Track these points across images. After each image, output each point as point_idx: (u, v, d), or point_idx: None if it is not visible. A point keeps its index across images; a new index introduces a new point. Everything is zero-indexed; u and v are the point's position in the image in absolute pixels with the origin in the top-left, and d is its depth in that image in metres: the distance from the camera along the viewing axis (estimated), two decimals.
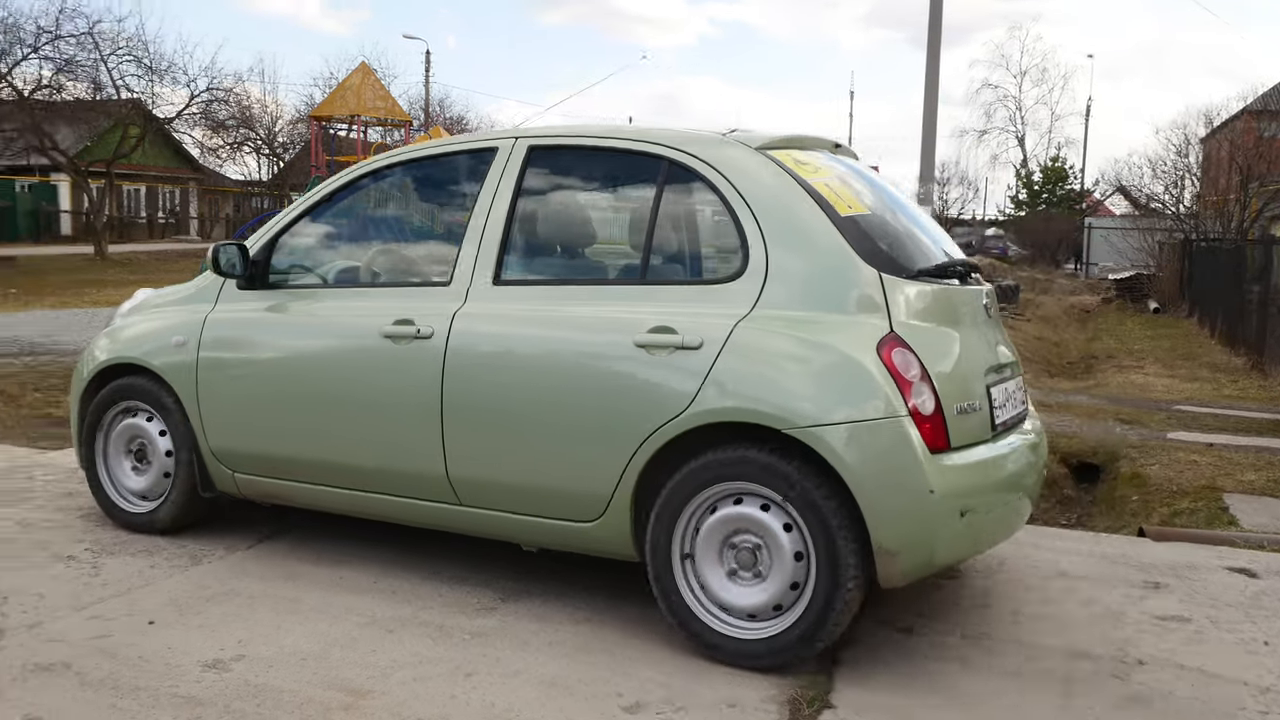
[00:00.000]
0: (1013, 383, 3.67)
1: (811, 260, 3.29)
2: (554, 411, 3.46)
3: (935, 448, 3.08)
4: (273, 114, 38.91)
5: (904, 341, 3.15)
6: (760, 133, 3.66)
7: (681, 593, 3.29)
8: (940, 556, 3.15)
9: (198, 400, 4.18)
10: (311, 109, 31.10)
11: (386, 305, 3.84)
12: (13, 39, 24.68)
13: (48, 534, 4.37)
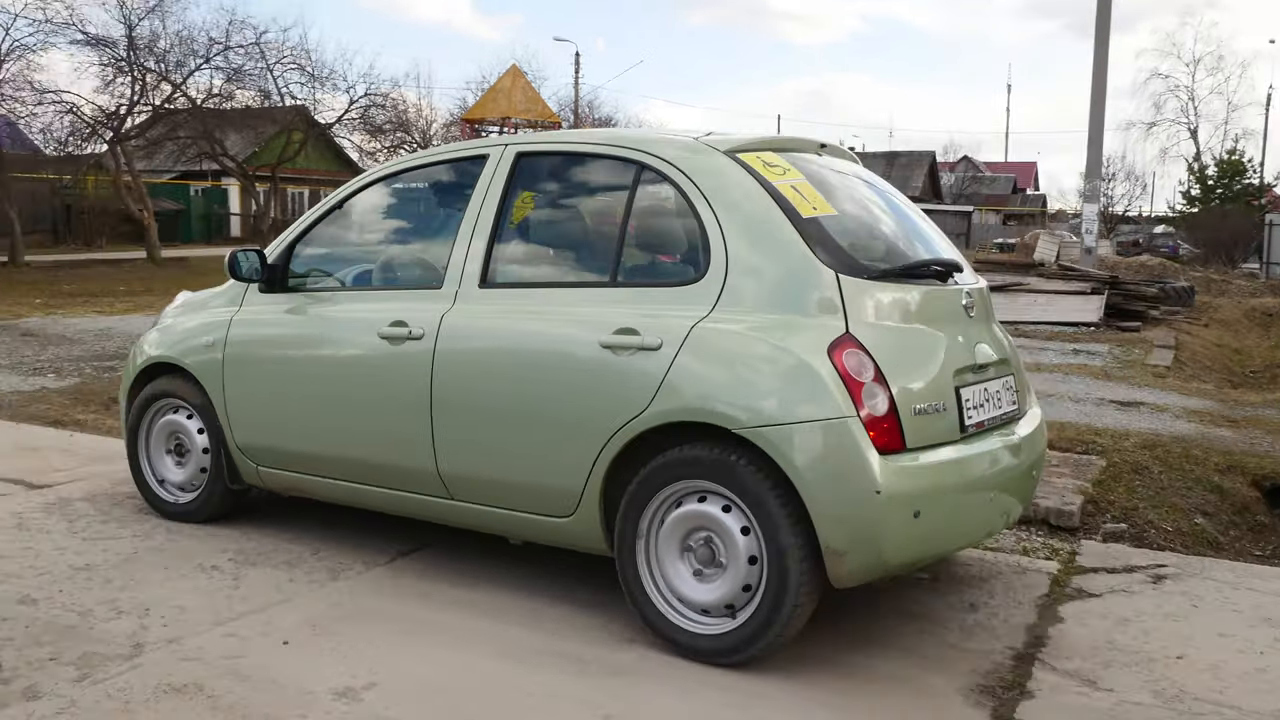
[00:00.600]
0: (998, 382, 3.65)
1: (770, 262, 3.33)
2: (529, 409, 3.59)
3: (888, 448, 3.09)
4: (427, 118, 39.88)
5: (859, 343, 3.17)
6: (735, 135, 3.72)
7: (644, 585, 3.38)
8: (891, 557, 3.14)
9: (224, 398, 4.44)
10: (464, 112, 31.76)
11: (386, 307, 4.01)
12: (187, 51, 25.88)
13: (192, 543, 4.39)
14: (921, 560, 3.43)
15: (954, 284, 3.65)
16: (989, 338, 3.72)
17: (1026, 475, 3.70)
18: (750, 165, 3.49)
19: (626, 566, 3.41)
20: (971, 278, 3.87)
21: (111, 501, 4.93)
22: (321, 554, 4.26)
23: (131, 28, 25.04)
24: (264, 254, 4.40)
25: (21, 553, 4.23)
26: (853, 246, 3.41)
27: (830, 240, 3.34)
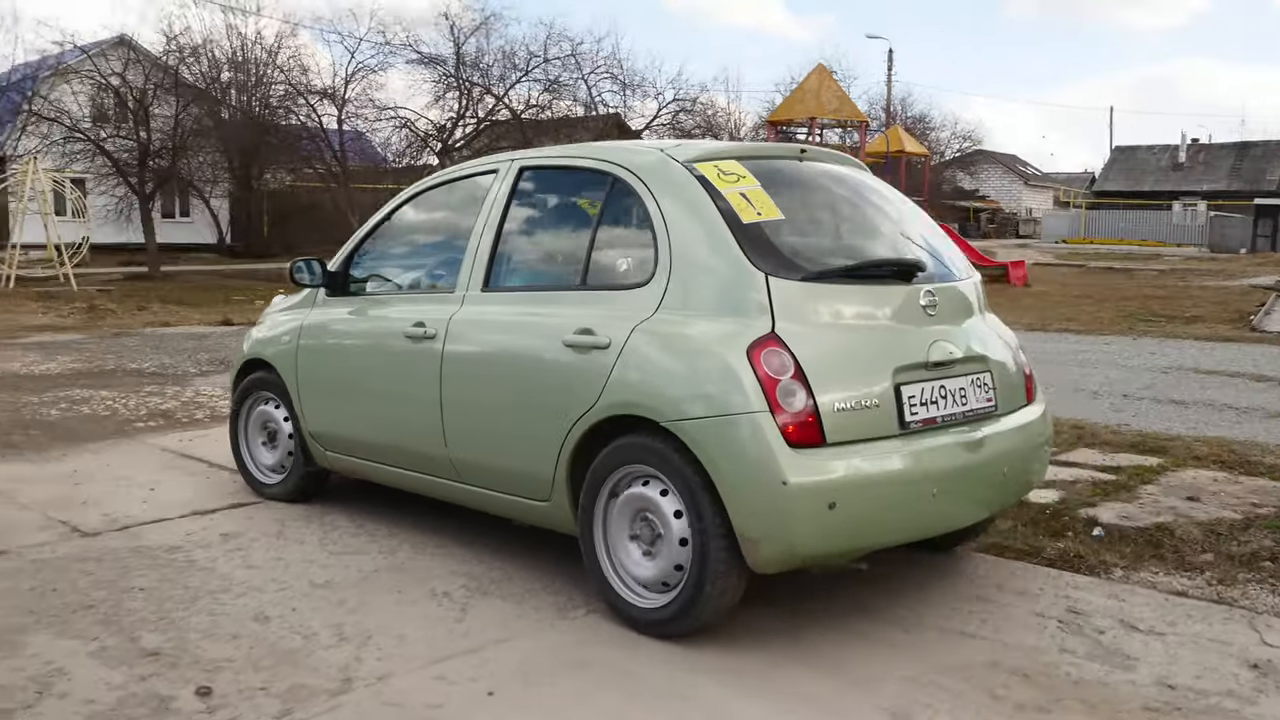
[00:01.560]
0: (963, 380, 3.70)
1: (707, 265, 3.51)
2: (512, 400, 3.94)
3: (803, 442, 3.22)
4: (736, 121, 40.00)
5: (782, 342, 3.30)
6: (702, 147, 3.91)
7: (599, 561, 3.67)
8: (803, 547, 3.28)
9: (298, 389, 5.00)
10: (770, 114, 31.51)
11: (414, 309, 4.45)
12: (508, 65, 27.21)
13: (432, 563, 4.26)
14: (846, 551, 3.59)
15: (915, 283, 3.71)
16: (959, 335, 3.75)
17: (995, 473, 3.73)
18: (703, 174, 3.67)
19: (586, 544, 3.72)
20: (962, 274, 4.02)
21: (367, 515, 4.92)
22: (556, 587, 4.00)
23: (459, 46, 26.67)
24: (324, 263, 4.97)
25: (272, 564, 4.26)
26: (793, 249, 3.58)
27: (767, 244, 3.50)
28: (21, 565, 4.23)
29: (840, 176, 4.19)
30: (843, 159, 4.44)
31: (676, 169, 3.71)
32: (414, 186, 4.89)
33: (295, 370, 5.01)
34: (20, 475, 5.71)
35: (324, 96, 26.39)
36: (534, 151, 4.51)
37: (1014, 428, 3.84)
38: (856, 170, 4.37)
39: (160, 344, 11.38)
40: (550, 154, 4.39)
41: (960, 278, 4.02)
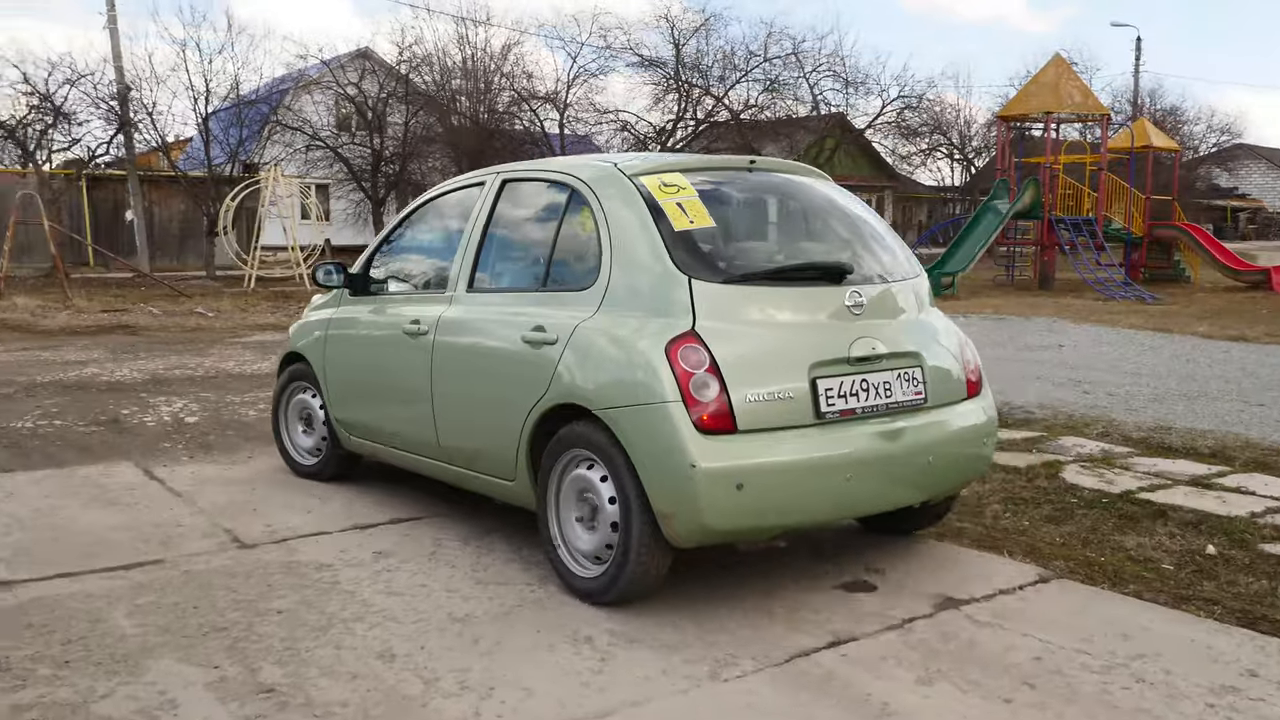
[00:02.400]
0: (889, 374, 3.90)
1: (638, 270, 3.83)
2: (481, 389, 4.35)
3: (716, 430, 3.52)
4: (966, 118, 38.21)
5: (700, 339, 3.60)
6: (650, 161, 4.22)
7: (551, 535, 4.01)
8: (713, 523, 3.53)
9: (325, 379, 5.49)
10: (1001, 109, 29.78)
11: (413, 309, 4.86)
12: (728, 66, 26.87)
13: (577, 603, 3.88)
14: (759, 529, 3.81)
15: (845, 285, 3.94)
16: (888, 332, 3.97)
17: (917, 462, 3.94)
18: (645, 186, 3.98)
19: (541, 519, 4.08)
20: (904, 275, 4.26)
21: (526, 538, 4.60)
22: (711, 638, 3.54)
23: (679, 47, 26.52)
24: (343, 266, 5.42)
25: (415, 590, 3.99)
26: (720, 254, 3.90)
27: (695, 250, 3.81)
28: (173, 577, 4.14)
29: (789, 185, 4.51)
30: (797, 168, 4.69)
31: (622, 181, 4.05)
32: (422, 197, 5.38)
33: (323, 362, 5.52)
34: (205, 477, 5.75)
35: (546, 101, 26.85)
36: (513, 165, 4.89)
37: (942, 420, 4.07)
38: (809, 178, 4.62)
39: None
40: (525, 168, 4.78)
41: (900, 278, 4.26)
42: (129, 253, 26.45)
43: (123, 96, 23.52)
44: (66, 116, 22.21)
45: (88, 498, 5.30)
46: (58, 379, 8.90)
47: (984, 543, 4.60)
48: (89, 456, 6.19)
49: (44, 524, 4.85)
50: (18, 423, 7.03)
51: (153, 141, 23.52)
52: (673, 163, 4.25)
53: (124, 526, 4.82)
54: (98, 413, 7.38)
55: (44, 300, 15.88)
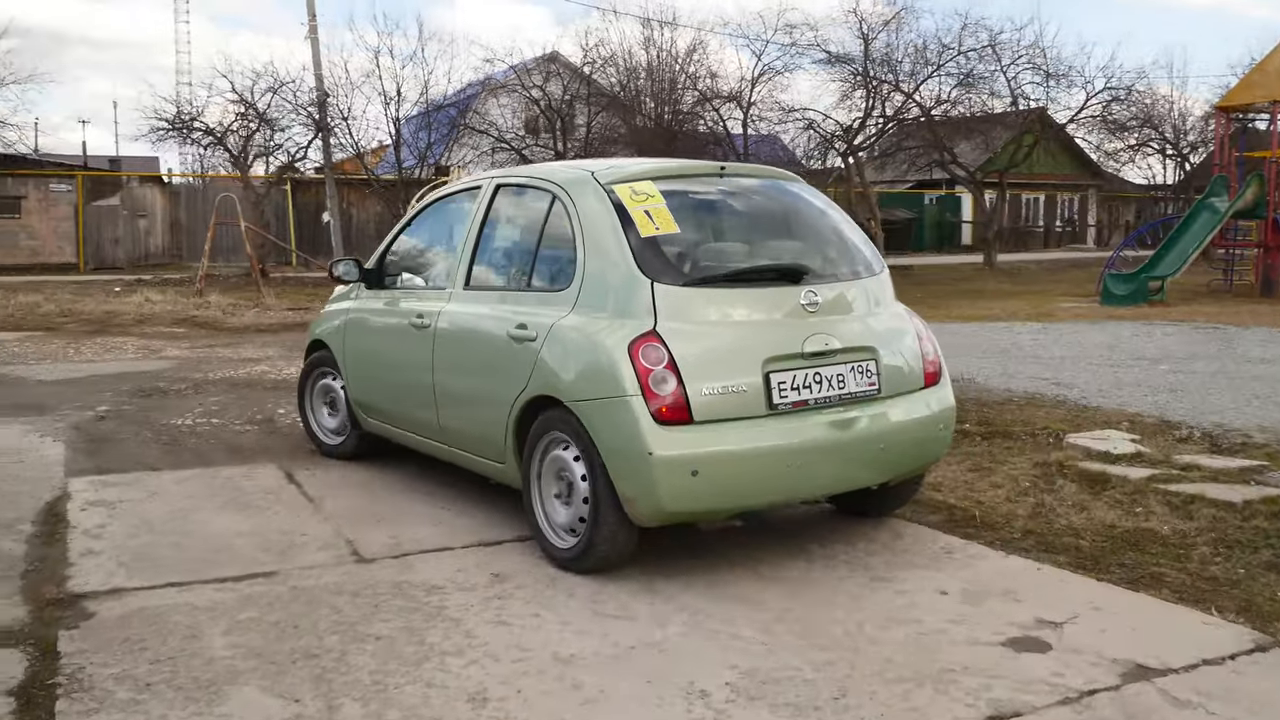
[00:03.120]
0: (842, 368, 4.17)
1: (607, 273, 4.16)
2: (474, 379, 4.75)
3: (673, 421, 3.82)
4: (1180, 110, 35.57)
5: (660, 338, 3.91)
6: (623, 169, 4.51)
7: (535, 510, 4.37)
8: (670, 505, 3.85)
9: (345, 365, 5.87)
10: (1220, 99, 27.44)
11: (418, 303, 5.20)
12: (919, 60, 25.75)
13: (704, 644, 3.46)
14: (714, 511, 4.13)
15: (802, 285, 4.22)
16: (842, 328, 4.24)
17: (869, 449, 4.21)
18: (616, 194, 4.24)
19: (525, 496, 4.40)
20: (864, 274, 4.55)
21: (660, 568, 4.20)
22: (850, 700, 3.05)
23: (868, 42, 25.58)
24: (360, 261, 5.77)
25: (525, 621, 3.66)
26: (682, 258, 4.22)
27: (659, 255, 4.12)
28: (282, 592, 3.95)
29: (759, 189, 4.79)
30: (769, 173, 4.99)
31: (596, 189, 4.33)
32: (429, 198, 5.77)
33: (343, 349, 5.92)
34: (344, 481, 5.62)
35: (730, 100, 26.43)
36: (506, 171, 5.39)
37: (896, 409, 4.31)
38: (779, 183, 4.88)
39: None
40: (515, 174, 5.22)
41: (860, 277, 4.53)
42: (328, 253, 27.61)
43: (321, 103, 24.47)
44: (269, 123, 23.26)
45: (224, 500, 5.23)
46: (228, 376, 9.09)
47: (1187, 595, 3.92)
48: (237, 457, 6.18)
49: (174, 528, 4.78)
50: (179, 420, 7.14)
51: (349, 146, 24.35)
52: (646, 170, 4.52)
53: (250, 533, 4.69)
54: (255, 411, 7.43)
55: (237, 298, 16.56)
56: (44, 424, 6.96)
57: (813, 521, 4.91)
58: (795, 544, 4.54)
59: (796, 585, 4.03)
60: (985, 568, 4.23)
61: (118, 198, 32.45)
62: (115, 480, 5.62)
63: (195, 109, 23.66)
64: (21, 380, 8.84)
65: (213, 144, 23.82)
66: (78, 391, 8.21)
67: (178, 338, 12.26)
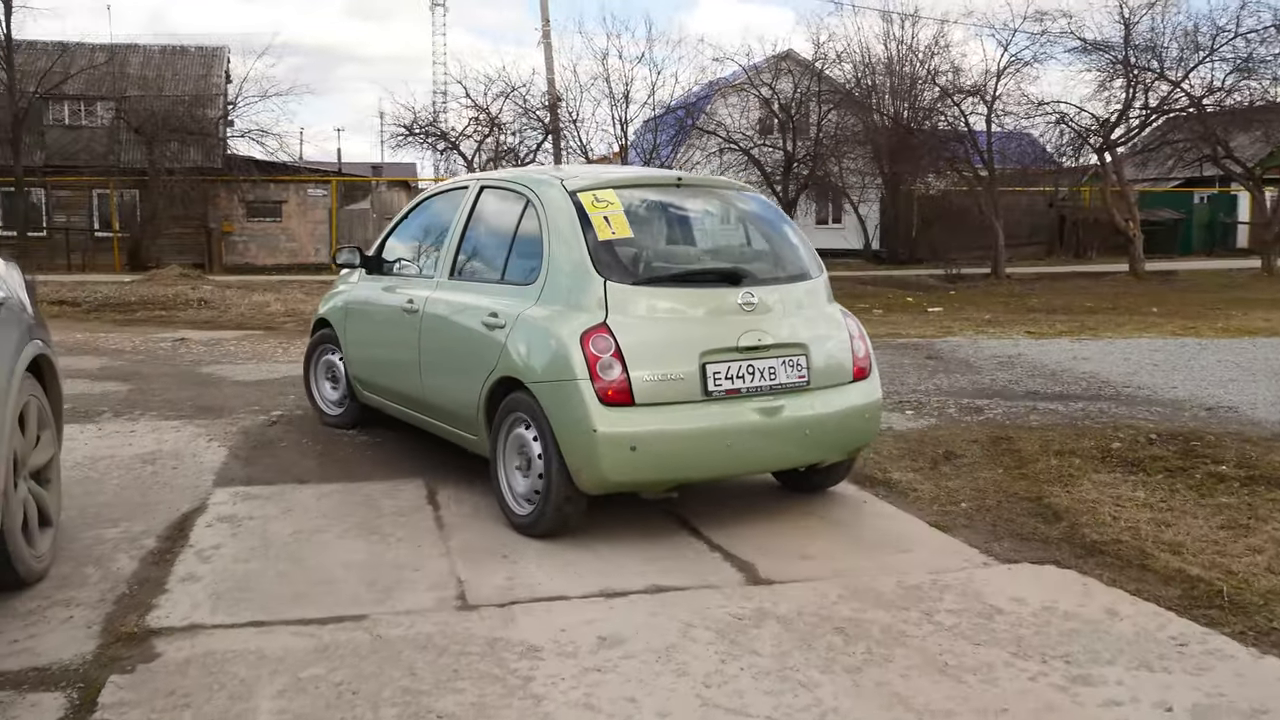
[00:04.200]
0: (774, 361, 4.63)
1: (567, 271, 4.65)
2: (452, 360, 5.28)
3: (617, 403, 4.33)
4: None
5: (609, 330, 4.41)
6: (588, 176, 5.09)
7: (500, 480, 4.85)
8: (611, 476, 4.36)
9: (345, 343, 6.48)
10: None
11: (410, 290, 5.78)
12: (1187, 45, 23.29)
13: None
14: (653, 482, 4.53)
15: (741, 286, 4.70)
16: (776, 325, 4.68)
17: (795, 434, 4.66)
18: (580, 200, 4.76)
19: (492, 467, 4.93)
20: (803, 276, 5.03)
21: (799, 639, 3.47)
22: None
23: (1129, 26, 23.39)
24: (359, 248, 6.41)
25: (617, 707, 3.01)
26: (633, 260, 4.74)
27: (613, 256, 4.64)
28: (362, 643, 3.48)
29: (712, 198, 5.39)
30: (723, 184, 5.68)
31: (562, 194, 4.78)
32: (422, 194, 6.43)
33: (344, 328, 6.51)
34: (481, 505, 5.14)
35: (972, 94, 24.82)
36: (490, 174, 5.90)
37: (823, 400, 4.77)
38: (731, 193, 5.43)
39: None
40: (497, 177, 5.67)
41: (796, 281, 5.00)
42: None
43: (552, 106, 24.70)
44: (500, 127, 23.64)
45: (354, 522, 4.86)
46: None
47: None
48: (389, 470, 5.82)
49: (288, 552, 4.43)
50: (346, 430, 6.92)
51: (577, 150, 24.45)
52: (609, 179, 5.08)
53: (362, 564, 4.28)
54: None
55: None
56: (218, 427, 6.90)
57: (996, 581, 4.02)
58: (985, 621, 3.69)
59: (979, 686, 3.20)
60: (1229, 674, 3.25)
61: (368, 201, 34.21)
62: (257, 493, 5.38)
63: (431, 115, 24.30)
64: (219, 380, 8.96)
65: (448, 149, 24.45)
66: (265, 394, 8.20)
67: None
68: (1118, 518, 4.88)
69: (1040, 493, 5.35)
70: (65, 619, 3.71)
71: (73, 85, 29.56)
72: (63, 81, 28.52)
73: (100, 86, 30.61)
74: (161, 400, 7.89)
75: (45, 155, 30.06)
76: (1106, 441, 6.29)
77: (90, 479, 5.63)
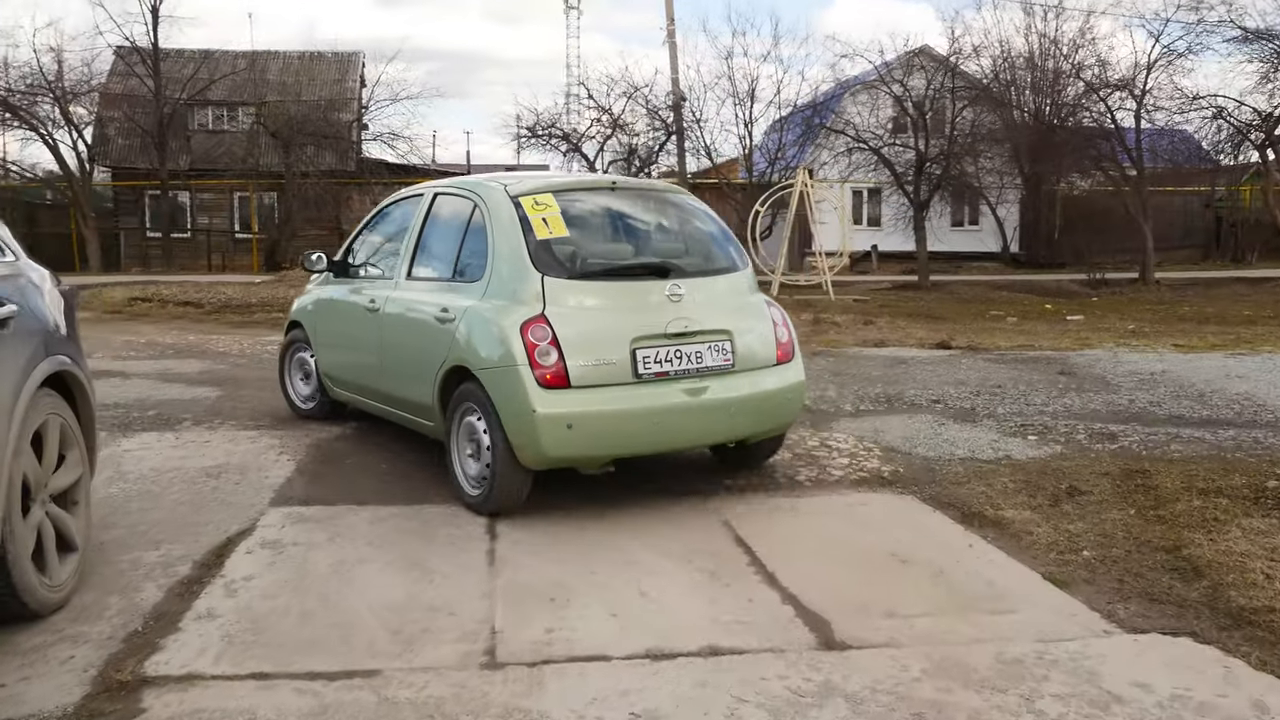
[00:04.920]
0: (700, 346, 5.09)
1: (509, 268, 5.09)
2: (409, 354, 5.71)
3: (554, 386, 4.76)
4: None
5: (547, 320, 4.83)
6: (529, 183, 5.49)
7: (453, 463, 5.29)
8: (551, 452, 4.78)
9: (315, 341, 7.04)
10: None
11: (371, 291, 6.24)
12: None
13: None
14: (589, 458, 4.96)
15: (669, 279, 5.15)
16: (703, 314, 5.12)
17: (720, 413, 5.09)
18: (521, 204, 5.20)
19: (447, 453, 5.34)
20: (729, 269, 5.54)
21: (912, 709, 2.93)
22: None
23: None
24: (324, 255, 6.86)
25: None
26: (569, 257, 5.12)
27: (550, 254, 5.07)
28: (367, 705, 3.09)
29: (644, 200, 5.86)
30: (653, 186, 6.38)
31: (505, 199, 5.28)
32: (385, 201, 6.76)
33: (314, 328, 6.96)
34: (540, 537, 4.72)
35: (1119, 89, 23.37)
36: (443, 182, 6.30)
37: (747, 381, 5.22)
38: (663, 194, 6.02)
39: (847, 369, 10.10)
40: (449, 184, 6.06)
41: (722, 273, 5.50)
42: None
43: (676, 106, 24.28)
44: (623, 128, 23.32)
45: (400, 553, 4.50)
46: None
47: None
48: (445, 498, 5.45)
49: (319, 588, 4.08)
50: (422, 441, 6.60)
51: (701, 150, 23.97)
52: (549, 185, 5.47)
53: (393, 605, 3.90)
54: None
55: None
56: (292, 439, 6.67)
57: (1117, 656, 3.37)
58: (1099, 713, 3.07)
59: None
60: None
61: None
62: (311, 515, 5.08)
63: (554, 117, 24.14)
64: None
65: (571, 150, 24.25)
66: None
67: None
68: (1272, 577, 4.14)
69: (1178, 541, 4.62)
70: (66, 659, 3.42)
71: (216, 91, 30.58)
72: (206, 87, 29.49)
73: (241, 92, 31.60)
74: (246, 408, 7.74)
75: (190, 159, 31.17)
76: (1261, 479, 5.48)
77: (150, 494, 5.43)
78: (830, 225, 22.47)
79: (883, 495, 5.49)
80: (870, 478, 5.80)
